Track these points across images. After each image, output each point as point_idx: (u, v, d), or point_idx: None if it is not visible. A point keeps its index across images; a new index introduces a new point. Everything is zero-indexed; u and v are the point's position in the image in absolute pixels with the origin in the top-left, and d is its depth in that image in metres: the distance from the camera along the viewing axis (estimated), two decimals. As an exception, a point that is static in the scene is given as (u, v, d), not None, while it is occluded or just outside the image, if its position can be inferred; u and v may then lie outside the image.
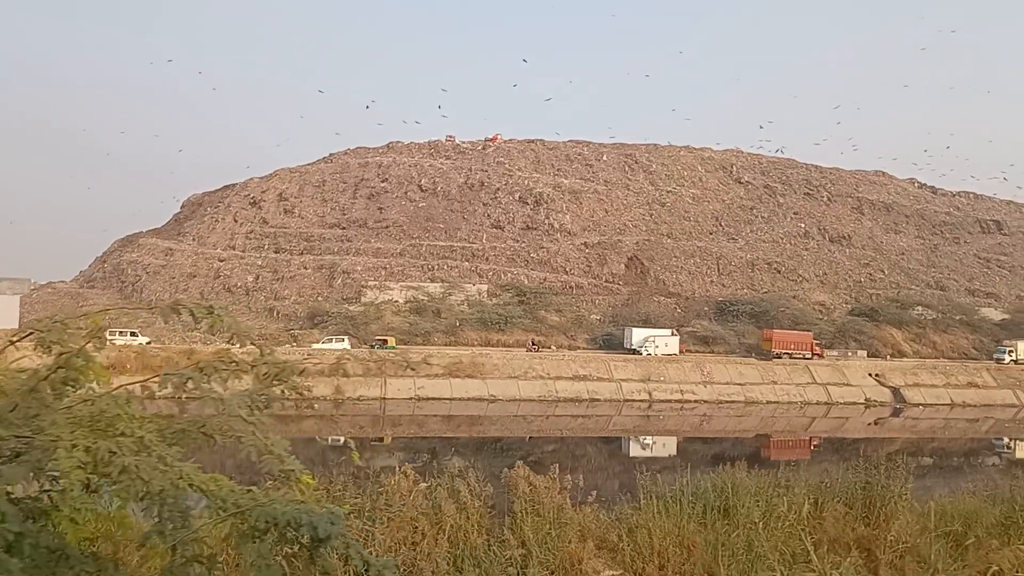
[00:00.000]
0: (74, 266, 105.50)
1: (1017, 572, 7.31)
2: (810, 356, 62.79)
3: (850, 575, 6.80)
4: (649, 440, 42.91)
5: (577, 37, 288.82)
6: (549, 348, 64.00)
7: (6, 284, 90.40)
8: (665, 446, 40.90)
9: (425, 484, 9.44)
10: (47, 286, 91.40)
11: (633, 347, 61.72)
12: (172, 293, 77.66)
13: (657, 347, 60.73)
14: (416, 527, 8.20)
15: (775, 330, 66.25)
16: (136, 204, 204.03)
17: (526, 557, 7.82)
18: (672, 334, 64.79)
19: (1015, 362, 65.82)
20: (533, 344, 63.93)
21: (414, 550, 7.71)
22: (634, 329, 64.33)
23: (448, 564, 7.56)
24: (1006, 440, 48.01)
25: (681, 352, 62.79)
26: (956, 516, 9.53)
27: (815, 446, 42.39)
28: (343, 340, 56.83)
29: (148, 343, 54.28)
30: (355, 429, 42.08)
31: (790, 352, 63.25)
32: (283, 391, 3.78)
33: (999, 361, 66.09)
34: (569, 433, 44.88)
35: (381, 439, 39.05)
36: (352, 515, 7.45)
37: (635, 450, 39.72)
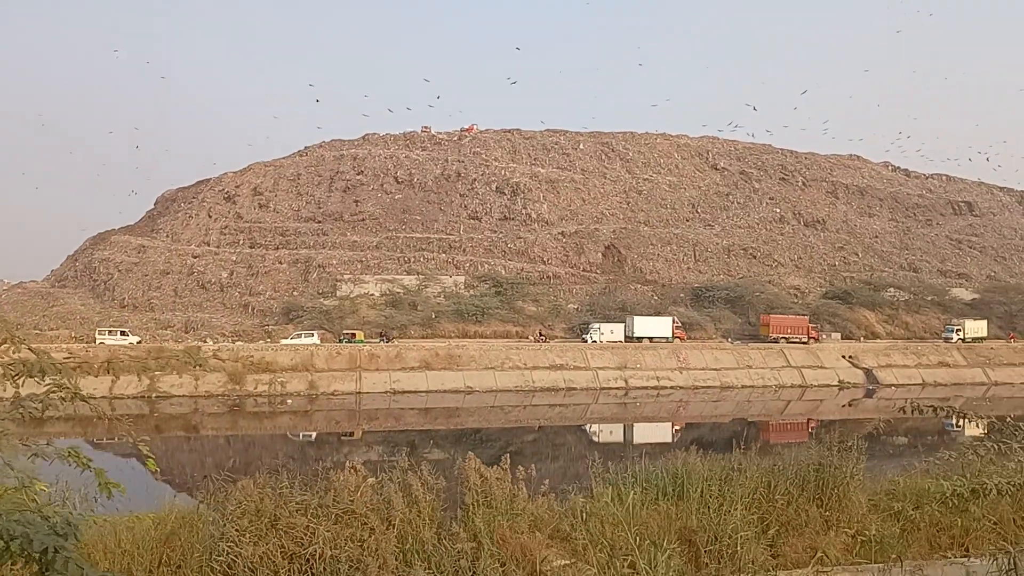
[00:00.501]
0: (50, 265, 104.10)
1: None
2: (806, 340, 63.85)
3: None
4: (617, 427, 43.06)
5: (552, 28, 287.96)
6: (556, 338, 64.61)
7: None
8: (638, 432, 41.13)
9: (374, 479, 9.34)
10: (18, 286, 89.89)
11: (636, 335, 62.62)
12: (145, 291, 76.67)
13: (603, 334, 61.30)
14: (365, 523, 8.13)
15: (772, 315, 67.47)
16: (114, 202, 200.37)
17: (477, 550, 7.76)
18: (662, 318, 66.05)
19: (963, 341, 67.08)
20: (541, 335, 64.54)
21: (361, 546, 7.63)
22: (636, 318, 65.05)
23: (396, 559, 7.48)
24: (954, 420, 47.83)
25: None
26: (908, 494, 9.63)
27: (787, 428, 42.88)
28: (312, 335, 56.79)
29: (138, 342, 53.78)
30: (330, 424, 41.87)
31: (787, 336, 64.34)
32: (58, 395, 3.64)
33: (947, 340, 67.38)
34: (547, 423, 44.91)
35: (351, 434, 38.87)
36: (297, 512, 7.37)
37: (606, 437, 39.85)
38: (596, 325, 62.93)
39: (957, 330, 68.59)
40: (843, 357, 60.08)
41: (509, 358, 52.36)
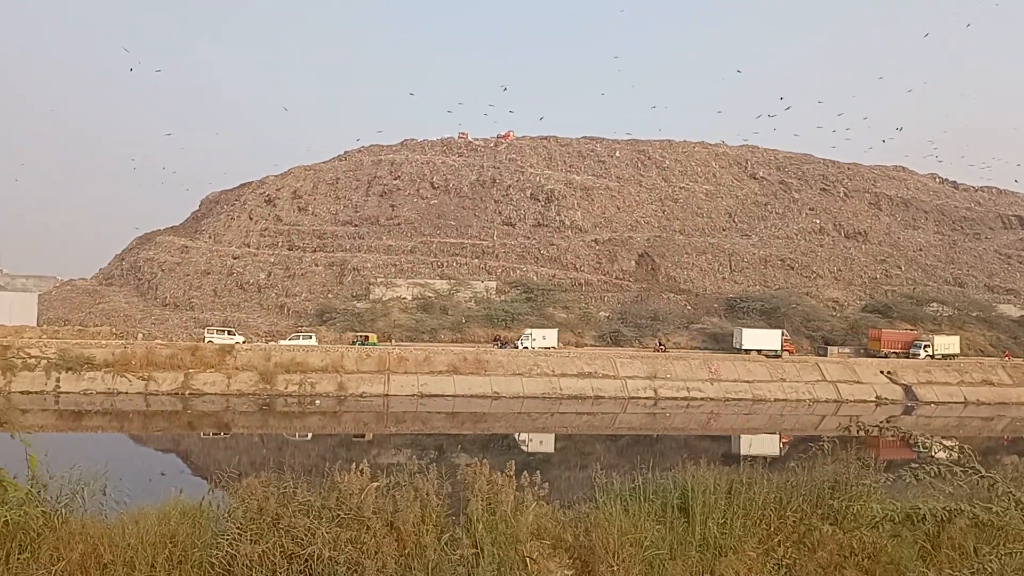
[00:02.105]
0: (99, 264, 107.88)
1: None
2: (919, 354, 63.76)
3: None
4: (650, 436, 42.58)
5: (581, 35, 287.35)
6: (586, 345, 64.50)
7: (32, 282, 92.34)
8: (666, 443, 40.61)
9: (376, 483, 9.42)
10: (68, 284, 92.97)
11: (744, 347, 62.76)
12: (186, 290, 78.59)
13: (535, 341, 60.50)
14: (366, 526, 8.20)
15: (884, 330, 66.99)
16: (165, 203, 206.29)
17: (477, 556, 7.78)
18: (772, 331, 65.26)
19: (931, 357, 64.10)
20: (660, 345, 64.92)
21: (360, 549, 7.70)
22: (744, 330, 64.86)
23: (396, 563, 7.53)
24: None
25: (561, 346, 62.95)
26: (930, 517, 9.35)
27: (820, 444, 41.82)
28: (311, 336, 58.11)
29: (244, 341, 56.01)
30: (358, 425, 42.26)
31: (896, 351, 64.19)
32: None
33: (915, 357, 64.19)
34: (575, 431, 44.67)
35: (363, 436, 39.14)
36: (299, 513, 7.48)
37: (635, 447, 39.45)
38: (528, 332, 61.80)
39: (925, 346, 65.26)
40: (881, 372, 58.51)
41: (537, 364, 52.26)
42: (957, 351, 66.36)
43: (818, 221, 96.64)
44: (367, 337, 58.93)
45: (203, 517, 7.41)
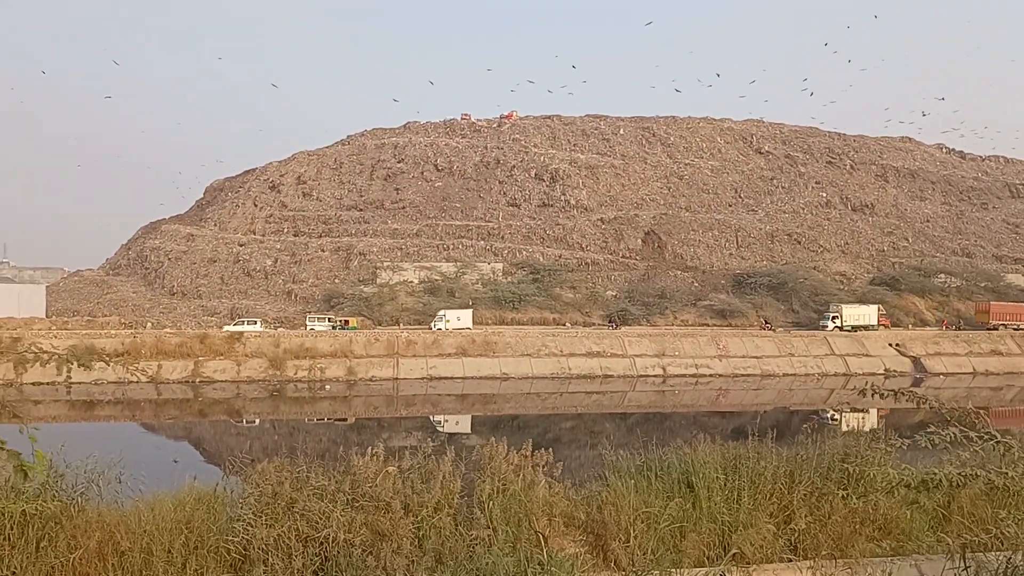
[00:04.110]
0: (105, 254, 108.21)
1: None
2: None
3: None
4: (657, 414, 42.67)
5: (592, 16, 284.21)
6: (593, 325, 63.66)
7: (39, 273, 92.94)
8: (676, 421, 40.71)
9: (392, 468, 9.45)
10: (75, 274, 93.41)
11: (847, 324, 61.51)
12: (193, 279, 78.85)
13: (448, 321, 58.75)
14: (382, 508, 8.25)
15: (992, 303, 65.99)
16: (172, 192, 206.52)
17: (492, 536, 7.81)
18: (869, 306, 64.52)
19: (840, 329, 61.58)
20: (767, 323, 64.68)
21: (375, 531, 7.75)
22: (844, 306, 63.54)
23: (411, 544, 7.58)
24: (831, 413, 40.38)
25: (475, 326, 60.51)
26: (945, 482, 9.33)
27: (833, 418, 41.84)
28: (255, 322, 58.38)
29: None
30: (368, 409, 42.51)
31: (1006, 323, 63.37)
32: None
33: (824, 329, 61.82)
34: (584, 410, 44.82)
35: (344, 419, 39.24)
36: (313, 496, 7.53)
37: (644, 425, 39.55)
38: (442, 312, 60.15)
39: (834, 317, 62.68)
40: (890, 345, 58.43)
41: (545, 345, 52.36)
42: (874, 322, 62.92)
43: (825, 195, 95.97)
44: (347, 321, 59.13)
45: (218, 503, 7.47)
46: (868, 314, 62.78)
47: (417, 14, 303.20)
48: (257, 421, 37.91)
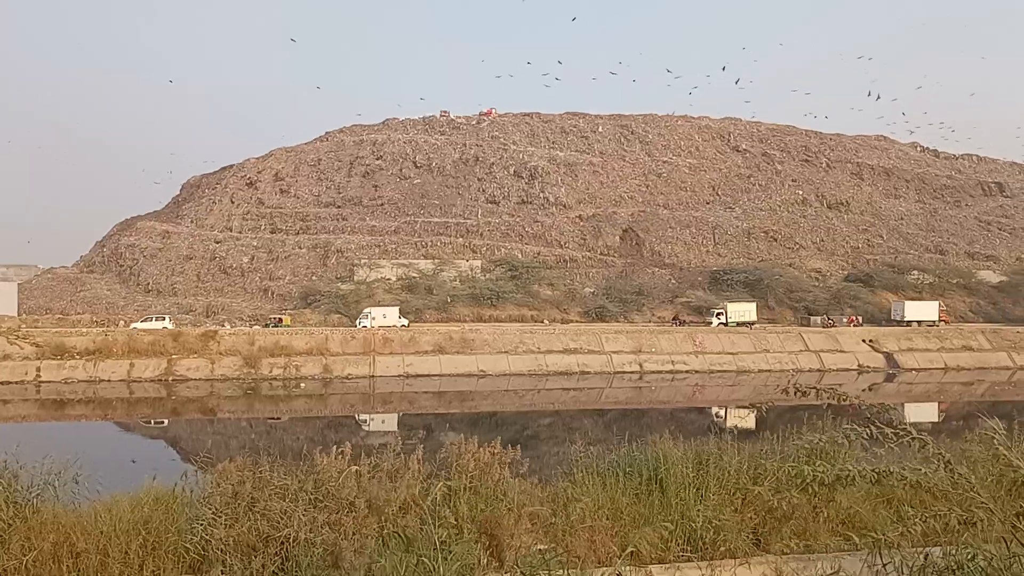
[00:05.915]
0: (80, 251, 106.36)
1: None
2: None
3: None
4: (632, 410, 42.91)
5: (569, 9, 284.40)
6: (571, 322, 64.39)
7: (12, 271, 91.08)
8: (651, 417, 40.93)
9: (356, 467, 9.41)
10: (48, 272, 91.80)
11: (907, 319, 65.29)
12: (168, 276, 77.91)
13: (374, 319, 59.02)
14: (344, 507, 8.21)
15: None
16: (145, 189, 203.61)
17: (458, 535, 7.81)
18: (930, 303, 67.64)
19: (724, 325, 62.85)
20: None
21: (337, 531, 7.71)
22: (907, 303, 66.54)
23: (375, 543, 7.55)
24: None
25: (408, 325, 60.36)
26: (859, 479, 9.47)
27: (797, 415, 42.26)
28: (164, 319, 57.73)
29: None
30: (344, 407, 42.30)
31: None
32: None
33: (708, 325, 63.18)
34: (560, 407, 44.88)
35: (319, 417, 38.82)
36: (275, 496, 7.48)
37: (620, 421, 39.70)
38: (368, 310, 60.15)
39: (719, 313, 64.07)
40: (863, 341, 59.23)
41: (523, 342, 52.45)
42: (754, 319, 64.45)
43: (800, 192, 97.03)
44: (280, 320, 59.05)
45: (177, 503, 7.42)
46: (749, 311, 65.31)
47: (397, 12, 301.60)
48: (239, 419, 37.59)
